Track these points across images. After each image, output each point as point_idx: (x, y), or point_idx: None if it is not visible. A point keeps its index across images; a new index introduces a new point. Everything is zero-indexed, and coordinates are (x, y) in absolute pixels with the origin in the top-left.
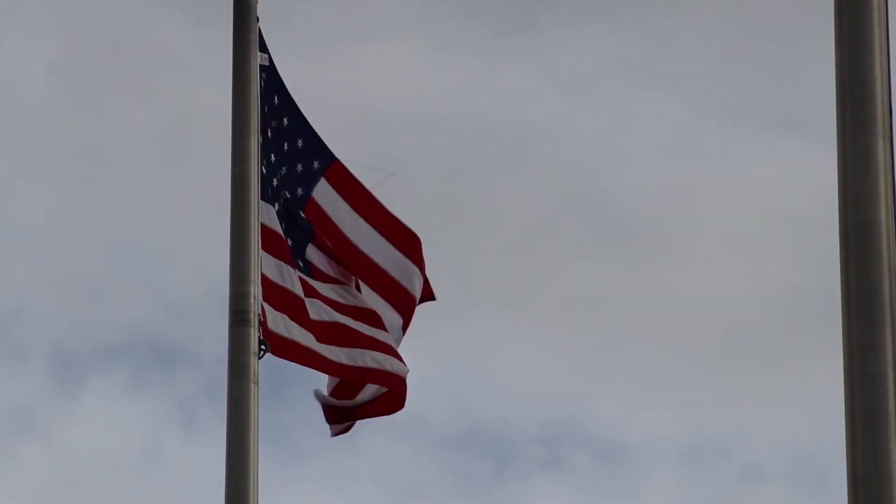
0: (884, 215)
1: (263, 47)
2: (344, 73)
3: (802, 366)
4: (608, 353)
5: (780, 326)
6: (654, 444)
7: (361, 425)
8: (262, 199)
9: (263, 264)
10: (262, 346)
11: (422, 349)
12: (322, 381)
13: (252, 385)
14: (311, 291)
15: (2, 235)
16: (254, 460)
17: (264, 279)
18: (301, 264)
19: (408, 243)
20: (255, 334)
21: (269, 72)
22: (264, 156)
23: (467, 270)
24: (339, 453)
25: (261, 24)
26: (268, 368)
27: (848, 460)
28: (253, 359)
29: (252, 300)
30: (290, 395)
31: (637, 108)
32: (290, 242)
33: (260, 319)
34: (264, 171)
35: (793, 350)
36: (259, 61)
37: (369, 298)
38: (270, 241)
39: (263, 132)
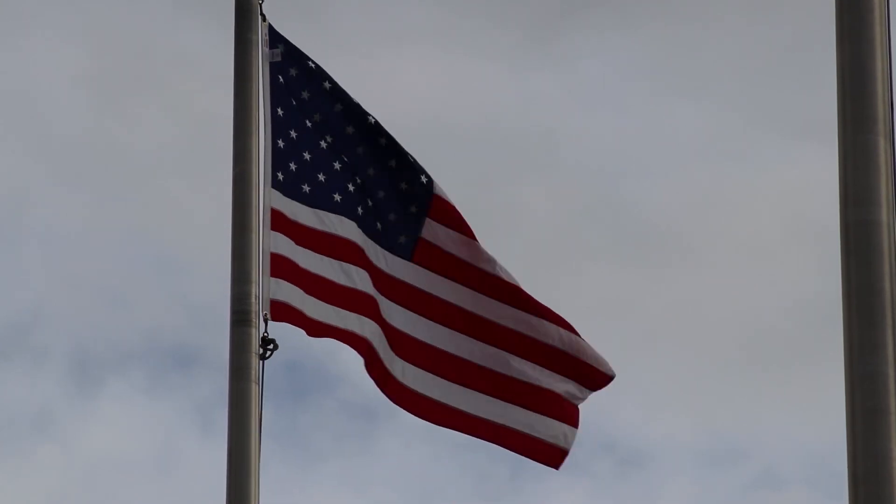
0: (884, 215)
1: (275, 44)
2: (364, 78)
3: (823, 372)
4: (628, 359)
5: (802, 334)
6: (672, 448)
7: (378, 426)
8: (287, 195)
9: (300, 257)
10: (270, 346)
11: None
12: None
13: (253, 385)
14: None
15: (24, 240)
16: (255, 461)
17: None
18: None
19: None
20: (256, 334)
21: (287, 67)
22: (294, 153)
23: None
24: (355, 455)
25: (273, 24)
26: (282, 370)
27: (848, 460)
28: (254, 359)
29: (253, 300)
30: (306, 396)
31: (660, 116)
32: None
33: (266, 317)
34: (294, 168)
35: (814, 357)
36: (270, 58)
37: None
38: (307, 237)
39: (285, 128)
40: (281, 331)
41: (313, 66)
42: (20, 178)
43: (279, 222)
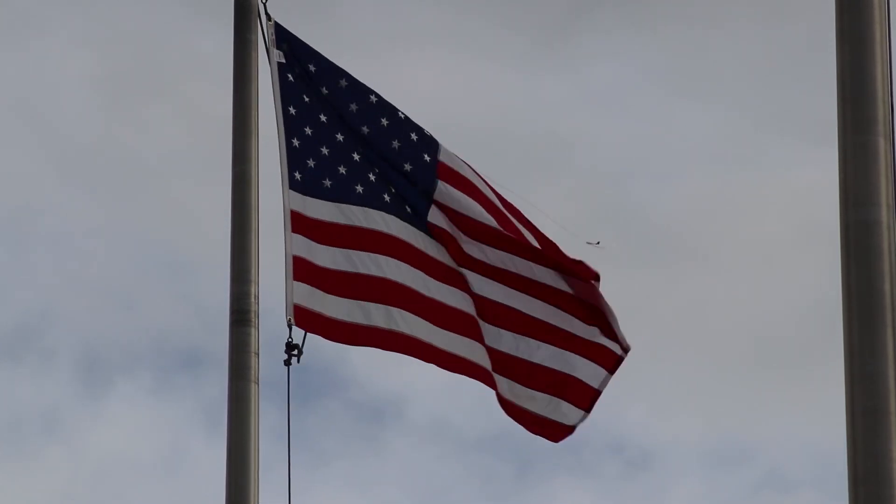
0: (884, 215)
1: (280, 44)
2: (374, 81)
3: (830, 374)
4: (639, 361)
5: (809, 336)
6: (679, 449)
7: (385, 427)
8: (315, 197)
9: (319, 257)
10: (295, 352)
11: None
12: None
13: (253, 385)
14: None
15: (34, 242)
16: (254, 461)
17: (323, 270)
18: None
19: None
20: (255, 334)
21: (298, 64)
22: (311, 149)
23: None
24: (362, 455)
25: (278, 23)
26: (292, 371)
27: (848, 461)
28: (253, 358)
29: (252, 300)
30: (315, 396)
31: (669, 119)
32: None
33: (291, 323)
34: (312, 165)
35: (821, 359)
36: (276, 58)
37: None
38: (328, 234)
39: (299, 125)
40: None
41: (324, 61)
42: (31, 181)
43: (298, 224)
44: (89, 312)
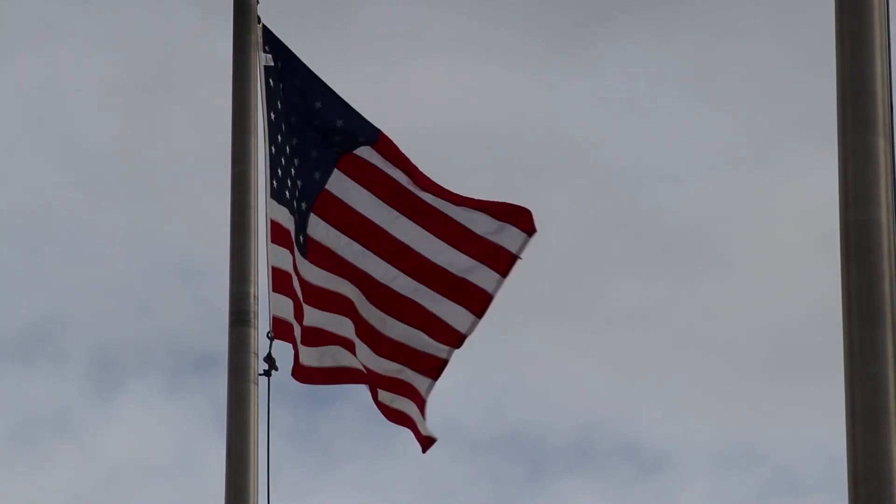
0: (884, 215)
1: (267, 47)
2: (389, 85)
3: (841, 377)
4: (651, 365)
5: (824, 339)
6: (692, 451)
7: (396, 428)
8: (280, 202)
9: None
10: (268, 365)
11: (460, 354)
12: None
13: (252, 385)
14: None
15: (47, 244)
16: (254, 461)
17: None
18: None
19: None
20: (255, 334)
21: (275, 72)
22: (285, 161)
23: (515, 283)
24: (373, 456)
25: (268, 25)
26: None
27: (848, 460)
28: (253, 358)
29: (252, 300)
30: (327, 398)
31: (685, 124)
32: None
33: (271, 336)
34: (280, 173)
35: (834, 362)
36: (263, 62)
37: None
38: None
39: (273, 133)
40: None
41: (295, 63)
42: (45, 185)
43: (278, 234)
44: (101, 314)
